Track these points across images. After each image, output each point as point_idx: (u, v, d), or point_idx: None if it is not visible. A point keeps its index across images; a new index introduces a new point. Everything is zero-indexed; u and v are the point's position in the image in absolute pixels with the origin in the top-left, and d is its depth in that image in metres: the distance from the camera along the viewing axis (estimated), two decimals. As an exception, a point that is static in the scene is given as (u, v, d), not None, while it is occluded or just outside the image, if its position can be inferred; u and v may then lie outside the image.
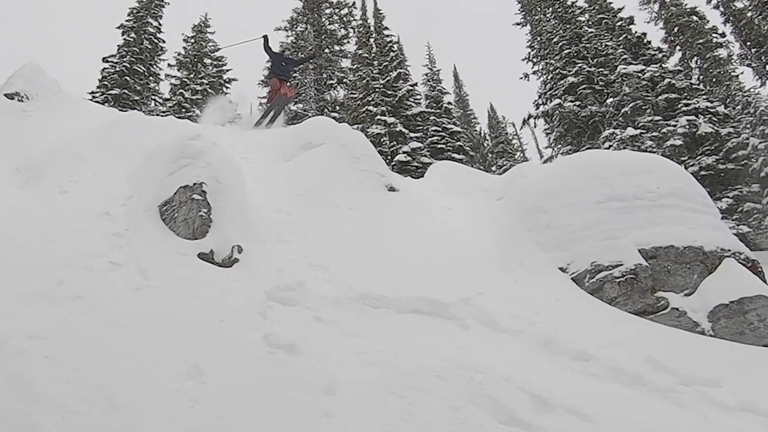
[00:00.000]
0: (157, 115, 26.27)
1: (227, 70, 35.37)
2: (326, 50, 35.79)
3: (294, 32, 36.35)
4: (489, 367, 5.14)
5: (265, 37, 16.40)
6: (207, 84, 33.27)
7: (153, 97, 32.99)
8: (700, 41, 31.92)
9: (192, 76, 33.79)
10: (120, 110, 14.65)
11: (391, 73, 31.64)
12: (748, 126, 24.04)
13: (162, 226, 7.39)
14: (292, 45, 35.53)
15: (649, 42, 32.78)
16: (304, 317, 5.86)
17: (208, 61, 35.10)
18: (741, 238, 19.16)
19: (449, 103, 34.23)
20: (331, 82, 34.45)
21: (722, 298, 7.28)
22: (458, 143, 29.59)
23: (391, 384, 4.51)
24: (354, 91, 31.74)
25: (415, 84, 32.90)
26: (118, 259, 6.18)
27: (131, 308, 5.13)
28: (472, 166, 24.60)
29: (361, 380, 4.54)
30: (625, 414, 4.74)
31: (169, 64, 34.13)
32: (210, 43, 35.69)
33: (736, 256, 7.94)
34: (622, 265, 7.60)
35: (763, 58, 33.29)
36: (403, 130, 28.17)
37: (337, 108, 33.17)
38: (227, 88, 34.23)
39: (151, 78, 32.88)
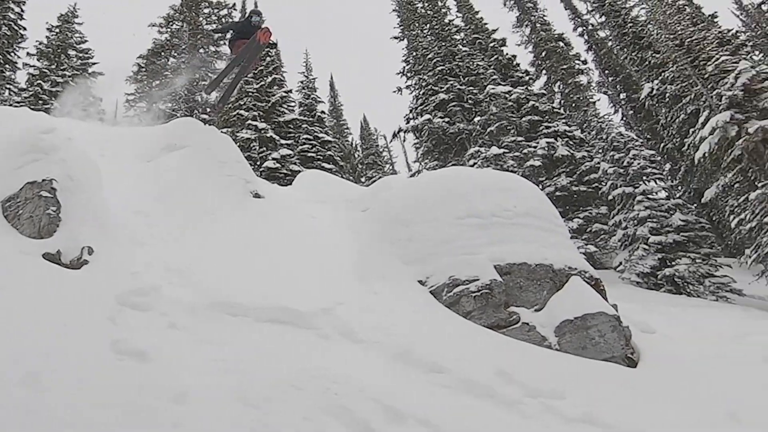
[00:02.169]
0: (10, 105, 24.65)
1: (93, 63, 33.84)
2: (201, 50, 34.95)
3: (169, 30, 35.27)
4: (345, 377, 5.15)
5: (216, 30, 14.73)
6: (70, 76, 31.62)
7: (8, 86, 31.03)
8: (564, 67, 33.72)
9: (54, 67, 32.04)
10: (-33, 98, 13.62)
11: (266, 78, 31.35)
12: (600, 151, 25.49)
13: (4, 223, 6.92)
14: (166, 42, 34.50)
15: (518, 64, 34.24)
16: (158, 323, 5.64)
17: (72, 52, 33.40)
18: (588, 257, 20.39)
19: (323, 112, 34.38)
20: (203, 82, 33.63)
21: (568, 314, 7.66)
22: (329, 153, 29.68)
23: (246, 393, 4.42)
24: (227, 94, 31.14)
25: (290, 91, 32.78)
26: (-51, 257, 5.73)
27: (-39, 310, 4.76)
28: (341, 176, 24.77)
29: (214, 389, 4.41)
30: (474, 425, 4.88)
31: (28, 53, 32.28)
32: (77, 34, 34.00)
33: (582, 275, 8.38)
34: (478, 280, 7.82)
35: (618, 86, 35.60)
36: (274, 136, 27.96)
37: (208, 110, 32.42)
38: (92, 81, 32.71)
39: (7, 66, 30.96)
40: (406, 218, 8.86)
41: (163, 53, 34.54)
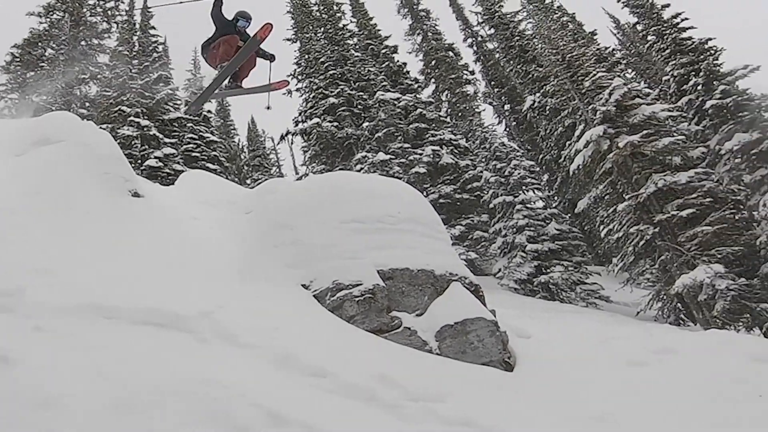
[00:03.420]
0: None
1: (-37, 51, 31.69)
2: (83, 42, 33.39)
3: (48, 19, 33.42)
4: (225, 382, 5.02)
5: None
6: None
7: None
8: (453, 76, 34.59)
9: None
10: None
11: (151, 74, 30.46)
12: (483, 160, 26.27)
13: None
14: (45, 32, 32.72)
15: (408, 72, 34.83)
16: (22, 326, 5.28)
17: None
18: (469, 263, 20.95)
19: (209, 111, 33.70)
20: (83, 76, 32.09)
21: (448, 319, 7.82)
22: (214, 153, 29.22)
23: (120, 399, 4.24)
24: (108, 89, 29.99)
25: (177, 88, 32.03)
26: None
27: None
28: (226, 177, 24.37)
29: (86, 394, 4.21)
30: (356, 428, 4.90)
31: None
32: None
33: (462, 281, 8.59)
34: (361, 284, 7.85)
35: (503, 97, 36.90)
36: (158, 134, 27.20)
37: (87, 105, 31.00)
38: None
39: None
40: (291, 221, 8.77)
41: (40, 43, 32.68)
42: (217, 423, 4.26)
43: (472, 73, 37.03)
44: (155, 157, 25.85)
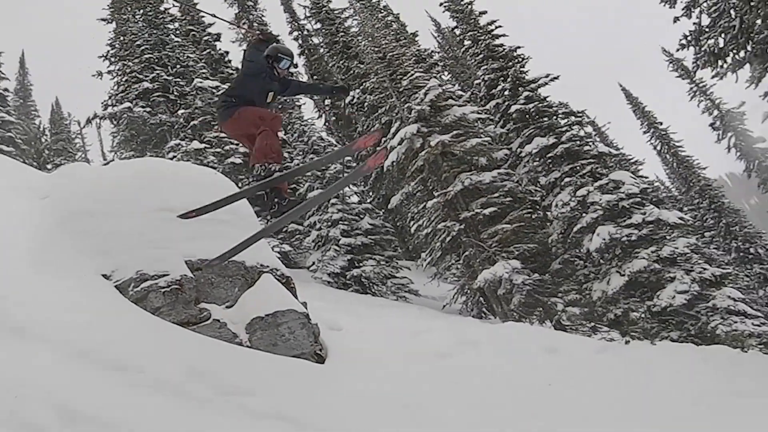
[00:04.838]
0: None
1: None
2: None
3: None
4: (13, 379, 4.71)
5: (269, 37, 8.49)
6: None
7: None
8: (277, 70, 34.35)
9: None
10: None
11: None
12: (301, 153, 26.38)
13: None
14: None
15: (231, 61, 34.40)
16: None
17: None
18: (284, 256, 20.99)
19: (6, 89, 31.17)
20: None
21: (259, 311, 7.77)
22: (9, 134, 27.04)
23: None
24: None
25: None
26: None
27: None
28: (23, 161, 22.63)
29: None
30: (163, 425, 4.76)
31: None
32: None
33: (274, 273, 8.59)
34: (168, 275, 7.57)
35: (323, 91, 37.29)
36: (-59, 111, 24.69)
37: None
38: None
39: None
40: (91, 209, 8.20)
41: None
42: (3, 423, 3.96)
43: (296, 66, 36.92)
44: (-64, 137, 23.57)
